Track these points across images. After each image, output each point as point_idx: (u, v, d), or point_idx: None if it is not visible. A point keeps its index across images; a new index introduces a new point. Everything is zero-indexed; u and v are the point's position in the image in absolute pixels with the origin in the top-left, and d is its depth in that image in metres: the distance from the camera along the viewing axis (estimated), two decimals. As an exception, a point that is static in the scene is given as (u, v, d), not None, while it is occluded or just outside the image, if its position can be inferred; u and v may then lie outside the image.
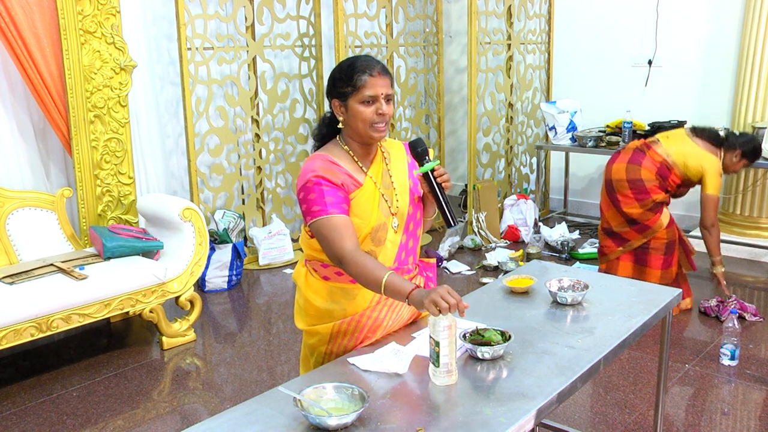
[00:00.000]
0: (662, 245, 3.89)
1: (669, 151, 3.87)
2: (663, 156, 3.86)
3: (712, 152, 3.84)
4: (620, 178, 3.92)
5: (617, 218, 3.98)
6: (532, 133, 6.43)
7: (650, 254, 3.91)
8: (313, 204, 1.85)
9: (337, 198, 1.86)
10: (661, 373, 2.41)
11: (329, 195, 1.86)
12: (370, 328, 2.00)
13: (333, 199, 1.85)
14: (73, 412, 3.16)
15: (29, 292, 3.26)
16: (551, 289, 2.25)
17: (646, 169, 3.86)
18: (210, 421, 1.59)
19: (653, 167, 3.86)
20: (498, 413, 1.57)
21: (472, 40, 5.39)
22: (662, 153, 3.87)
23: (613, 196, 3.96)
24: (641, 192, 3.85)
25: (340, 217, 1.84)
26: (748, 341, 3.68)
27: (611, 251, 4.05)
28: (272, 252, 5.10)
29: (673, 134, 4.02)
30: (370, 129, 1.90)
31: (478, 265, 5.05)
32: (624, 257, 4.00)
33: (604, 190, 4.07)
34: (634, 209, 3.87)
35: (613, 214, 4.00)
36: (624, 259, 4.00)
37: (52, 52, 3.70)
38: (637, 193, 3.86)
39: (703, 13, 5.51)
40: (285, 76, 5.33)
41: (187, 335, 3.88)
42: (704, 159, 3.81)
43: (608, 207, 4.02)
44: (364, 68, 1.88)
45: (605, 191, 4.05)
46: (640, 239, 3.92)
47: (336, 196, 1.86)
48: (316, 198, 1.85)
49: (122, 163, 3.99)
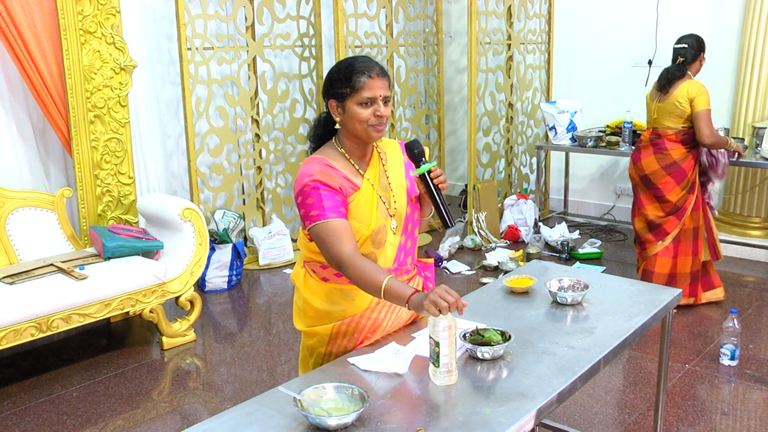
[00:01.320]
0: (690, 231, 4.04)
1: (668, 121, 3.96)
2: (672, 126, 3.95)
3: (685, 80, 3.92)
4: (654, 169, 4.02)
5: (658, 210, 4.06)
6: (532, 133, 6.43)
7: (681, 242, 4.05)
8: (311, 208, 1.85)
9: (335, 202, 1.86)
10: (661, 373, 2.41)
11: (327, 199, 1.85)
12: (369, 328, 2.00)
13: (331, 203, 1.85)
14: (73, 412, 3.16)
15: (29, 292, 3.26)
16: (551, 289, 2.26)
17: (672, 149, 3.96)
18: (210, 421, 1.59)
19: (677, 140, 3.95)
20: (498, 413, 1.57)
21: (472, 40, 5.39)
22: (670, 126, 3.96)
23: (654, 189, 4.04)
24: (678, 173, 3.97)
25: (338, 221, 1.84)
26: (748, 341, 3.68)
27: (652, 246, 4.12)
28: (272, 252, 5.10)
29: (655, 108, 4.04)
30: (367, 130, 1.90)
31: (478, 265, 5.05)
32: (662, 253, 4.08)
33: (640, 188, 4.13)
34: (675, 194, 3.99)
35: (654, 208, 4.07)
36: (662, 255, 4.08)
37: (52, 52, 3.70)
38: (676, 176, 3.97)
39: (703, 14, 5.51)
40: (285, 76, 5.33)
41: (187, 335, 3.88)
42: (683, 88, 3.88)
43: (650, 201, 4.09)
44: (362, 69, 1.87)
45: (643, 188, 4.11)
46: (676, 227, 4.03)
47: (334, 200, 1.86)
48: (314, 202, 1.85)
49: (122, 163, 3.99)
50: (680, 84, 3.90)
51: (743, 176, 5.19)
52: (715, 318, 4.01)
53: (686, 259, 4.06)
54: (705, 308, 4.16)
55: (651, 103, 4.09)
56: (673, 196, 3.99)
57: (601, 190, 6.31)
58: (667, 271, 4.08)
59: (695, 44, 3.97)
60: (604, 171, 6.27)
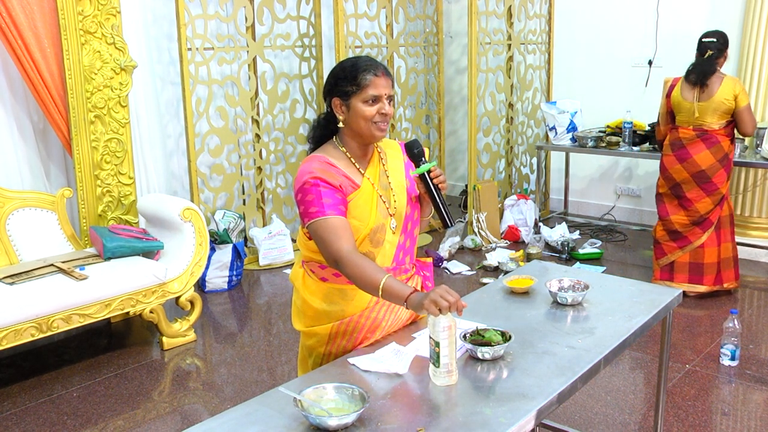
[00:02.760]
0: (727, 217, 4.22)
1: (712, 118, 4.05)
2: (717, 122, 4.05)
3: (721, 76, 4.02)
4: (711, 163, 4.09)
5: (708, 205, 4.15)
6: (532, 133, 6.43)
7: (721, 229, 4.20)
8: (310, 205, 1.85)
9: (334, 199, 1.86)
10: (661, 373, 2.41)
11: (327, 196, 1.86)
12: (368, 328, 2.00)
13: (330, 201, 1.85)
14: (73, 413, 3.16)
15: (29, 292, 3.26)
16: (551, 289, 2.26)
17: (724, 143, 4.08)
18: (210, 422, 1.59)
19: (725, 134, 4.08)
20: (498, 413, 1.57)
21: (473, 40, 5.39)
22: (715, 122, 4.06)
23: (708, 183, 4.12)
24: (728, 165, 4.14)
25: (337, 218, 1.84)
26: (748, 341, 3.68)
27: (672, 252, 4.30)
28: (272, 252, 5.10)
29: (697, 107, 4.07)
30: (372, 128, 1.90)
31: (479, 266, 5.05)
32: (707, 242, 4.20)
33: (689, 184, 4.16)
34: (726, 185, 4.15)
35: (705, 204, 4.15)
36: (708, 245, 4.20)
37: (52, 53, 3.71)
38: (727, 168, 4.13)
39: (703, 14, 5.51)
40: (285, 76, 5.33)
41: (187, 335, 3.88)
42: (727, 87, 3.98)
43: (700, 197, 4.15)
44: (368, 68, 1.89)
45: (694, 183, 4.15)
46: (719, 214, 4.18)
47: (333, 198, 1.86)
48: (314, 199, 1.85)
49: (122, 163, 3.99)
50: (719, 81, 3.99)
51: (743, 176, 5.19)
52: (716, 318, 4.01)
53: (727, 245, 4.23)
54: (705, 308, 4.17)
55: (686, 103, 4.11)
56: (724, 188, 4.12)
57: (601, 190, 6.31)
58: (715, 260, 4.22)
59: (722, 39, 4.05)
60: (605, 171, 6.27)
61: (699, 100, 4.03)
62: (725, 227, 4.22)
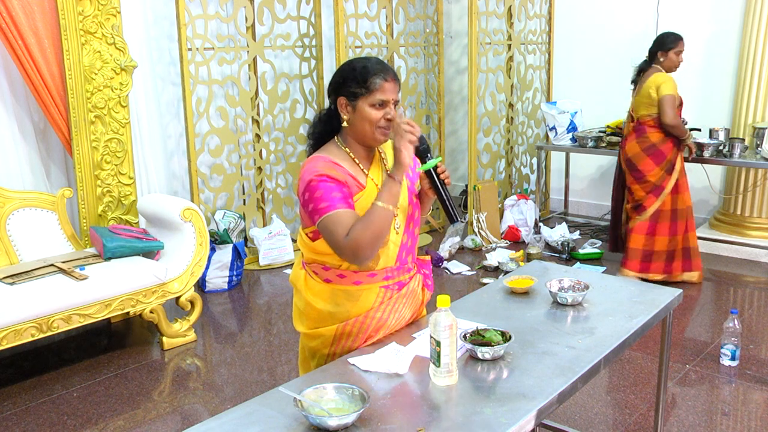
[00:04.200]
0: (668, 212, 4.42)
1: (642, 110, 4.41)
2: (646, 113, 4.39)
3: (652, 72, 4.38)
4: (636, 152, 4.45)
5: (639, 191, 4.47)
6: (532, 133, 6.43)
7: (658, 222, 4.42)
8: (320, 201, 1.83)
9: (343, 194, 1.85)
10: (661, 373, 2.41)
11: (336, 191, 1.84)
12: (373, 328, 1.99)
13: (339, 195, 1.84)
14: (73, 413, 3.16)
15: (30, 292, 3.27)
16: (551, 289, 2.26)
17: (651, 134, 4.39)
18: (210, 422, 1.59)
19: (654, 125, 4.37)
20: (498, 413, 1.57)
21: (473, 40, 5.39)
22: (645, 113, 4.39)
23: (636, 171, 4.46)
24: (657, 155, 4.38)
25: (348, 211, 1.83)
26: (748, 341, 3.68)
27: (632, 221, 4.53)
28: (273, 252, 5.10)
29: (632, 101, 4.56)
30: (376, 132, 1.90)
31: (479, 266, 5.05)
32: (637, 229, 4.46)
33: (626, 171, 4.53)
34: (654, 174, 4.40)
35: (636, 189, 4.49)
36: (637, 231, 4.47)
37: (52, 53, 3.71)
38: (655, 158, 4.39)
39: (703, 14, 5.51)
40: (285, 76, 5.33)
41: (187, 335, 3.88)
42: (651, 80, 4.35)
43: (632, 182, 4.52)
44: (378, 72, 1.89)
45: (626, 170, 4.53)
46: (653, 204, 4.42)
47: (342, 192, 1.85)
48: (323, 195, 1.83)
49: (123, 163, 3.99)
50: (648, 76, 4.38)
51: (743, 176, 5.19)
52: (716, 318, 4.01)
53: (662, 238, 4.44)
54: (705, 308, 4.16)
55: (632, 99, 4.60)
56: (653, 176, 4.40)
57: (601, 190, 6.31)
58: (641, 247, 4.45)
59: (655, 42, 4.46)
60: (605, 171, 6.27)
61: (634, 95, 4.53)
62: (664, 221, 4.41)
